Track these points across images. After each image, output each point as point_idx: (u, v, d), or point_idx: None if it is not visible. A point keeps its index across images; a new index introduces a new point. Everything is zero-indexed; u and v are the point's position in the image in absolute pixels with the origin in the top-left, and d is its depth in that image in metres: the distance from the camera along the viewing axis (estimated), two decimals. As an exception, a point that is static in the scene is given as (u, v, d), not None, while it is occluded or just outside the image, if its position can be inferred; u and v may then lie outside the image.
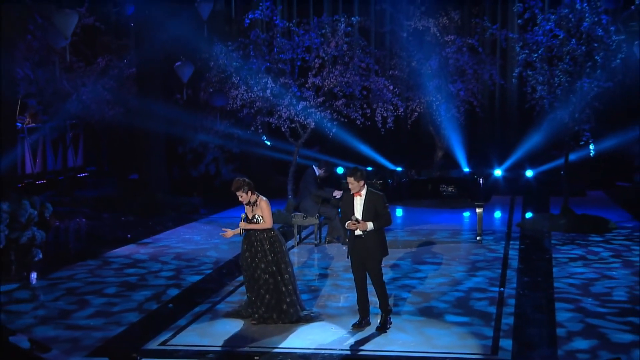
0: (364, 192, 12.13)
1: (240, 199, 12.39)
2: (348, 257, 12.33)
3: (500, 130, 27.96)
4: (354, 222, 12.00)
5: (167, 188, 24.84)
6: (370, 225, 11.91)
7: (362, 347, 11.48)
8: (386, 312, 12.13)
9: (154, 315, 13.27)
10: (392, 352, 11.26)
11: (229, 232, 12.72)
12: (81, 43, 24.41)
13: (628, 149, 24.76)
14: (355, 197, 12.16)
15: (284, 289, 12.44)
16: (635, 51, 20.73)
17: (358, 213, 12.06)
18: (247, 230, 12.49)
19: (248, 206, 12.50)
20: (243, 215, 12.55)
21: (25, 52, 23.55)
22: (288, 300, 12.48)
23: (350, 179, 12.11)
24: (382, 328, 12.01)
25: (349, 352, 11.29)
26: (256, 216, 12.41)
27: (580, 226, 20.39)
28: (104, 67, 25.96)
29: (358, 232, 12.06)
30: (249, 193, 12.38)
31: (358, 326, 12.11)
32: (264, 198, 12.53)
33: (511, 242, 19.17)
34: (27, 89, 24.85)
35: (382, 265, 12.52)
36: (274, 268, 12.44)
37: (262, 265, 12.41)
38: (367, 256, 12.06)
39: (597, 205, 23.99)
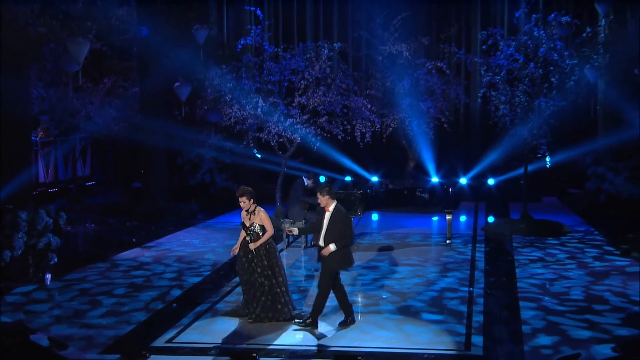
0: (331, 207, 12.06)
1: (242, 204, 12.29)
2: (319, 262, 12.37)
3: (466, 144, 27.98)
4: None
5: (168, 195, 24.69)
6: (332, 247, 11.82)
7: (348, 344, 11.41)
8: (311, 323, 12.03)
9: (159, 315, 13.16)
10: (376, 348, 11.22)
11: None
12: (89, 65, 24.24)
13: (580, 160, 24.83)
14: (325, 211, 12.18)
15: (278, 290, 12.37)
16: (586, 74, 20.83)
17: (323, 228, 12.05)
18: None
19: (246, 214, 12.42)
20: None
21: (39, 73, 23.44)
22: (282, 300, 12.41)
23: (317, 194, 12.14)
24: (301, 324, 12.04)
25: (336, 349, 11.24)
26: (254, 224, 12.33)
27: (538, 230, 20.41)
28: (110, 86, 25.84)
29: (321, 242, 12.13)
30: (251, 201, 12.31)
31: (344, 324, 12.07)
32: (262, 209, 12.50)
33: (477, 245, 19.16)
34: (40, 107, 24.70)
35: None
36: (270, 272, 12.38)
37: (259, 270, 12.34)
38: (324, 264, 11.99)
39: (551, 210, 24.04)
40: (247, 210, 12.40)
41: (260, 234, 12.41)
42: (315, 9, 28.36)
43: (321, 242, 12.06)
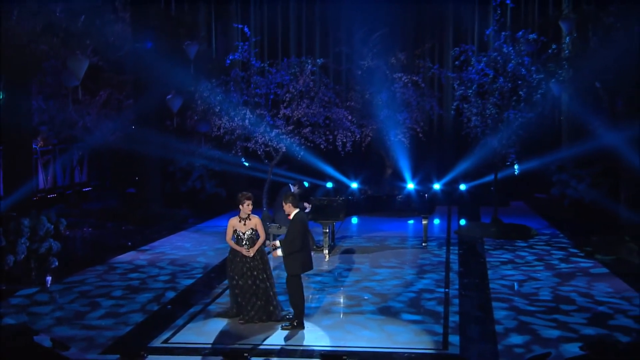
0: (292, 214, 12.09)
1: (248, 208, 12.22)
2: None
3: (440, 152, 27.95)
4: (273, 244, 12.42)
5: (161, 201, 24.56)
6: (278, 252, 12.06)
7: (334, 344, 11.38)
8: (298, 324, 12.02)
9: (155, 316, 13.06)
10: (360, 348, 11.19)
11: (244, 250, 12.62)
12: (87, 79, 24.06)
13: (545, 168, 24.89)
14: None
15: (271, 292, 12.34)
16: (551, 87, 20.89)
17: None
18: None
19: (241, 221, 12.33)
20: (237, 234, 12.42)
21: (39, 86, 23.30)
22: (274, 303, 12.38)
23: (283, 202, 12.32)
24: (288, 327, 12.02)
25: (322, 349, 11.21)
26: (251, 230, 12.30)
27: (508, 233, 20.44)
28: (106, 99, 25.72)
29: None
30: (251, 206, 12.32)
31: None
32: (256, 215, 12.47)
33: (451, 247, 19.18)
34: (40, 118, 24.54)
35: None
36: (265, 275, 12.35)
37: (255, 273, 12.29)
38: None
39: (519, 214, 24.09)
40: (241, 217, 12.34)
41: (255, 239, 12.39)
42: (298, 26, 28.33)
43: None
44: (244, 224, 12.28)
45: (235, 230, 12.32)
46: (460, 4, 26.76)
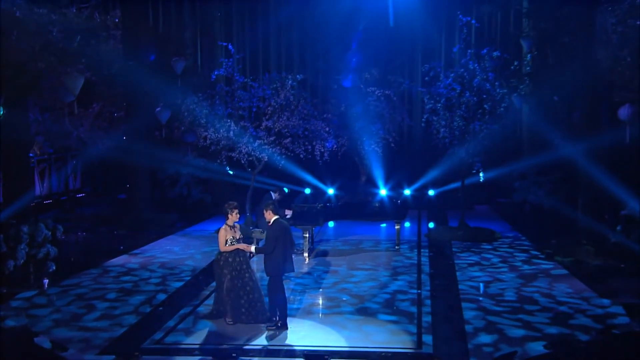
0: (272, 220, 12.21)
1: (236, 215, 12.39)
2: None
3: (410, 160, 27.98)
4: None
5: (150, 206, 24.40)
6: (252, 248, 12.45)
7: (316, 344, 11.37)
8: (282, 325, 12.03)
9: (147, 318, 12.97)
10: (341, 347, 11.19)
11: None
12: (80, 92, 23.87)
13: (508, 175, 24.97)
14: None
15: (256, 294, 12.32)
16: (514, 101, 21.02)
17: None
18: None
19: (230, 228, 12.31)
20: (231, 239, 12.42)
21: (36, 98, 23.10)
22: (259, 304, 12.35)
23: (263, 210, 12.49)
24: (273, 327, 12.03)
25: (305, 348, 11.18)
26: (240, 235, 12.35)
27: (474, 236, 20.49)
28: (99, 110, 25.57)
29: None
30: (238, 215, 12.36)
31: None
32: (239, 223, 12.52)
33: (422, 250, 19.22)
34: (37, 129, 24.34)
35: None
36: (256, 276, 12.43)
37: (247, 274, 12.31)
38: None
39: (484, 218, 24.15)
40: (230, 225, 12.32)
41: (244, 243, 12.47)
42: (279, 44, 28.34)
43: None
44: (234, 231, 12.31)
45: (228, 238, 12.31)
46: (429, 24, 26.86)
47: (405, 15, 24.93)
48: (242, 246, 12.34)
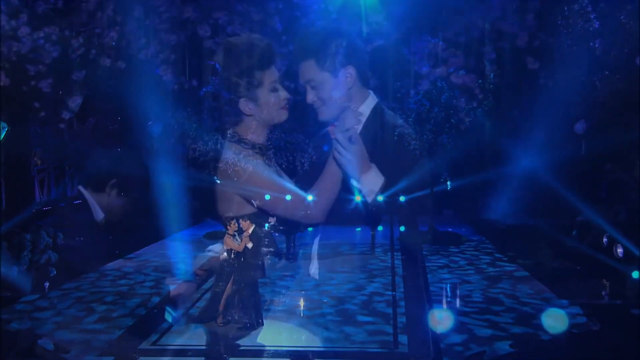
0: (250, 230, 12.09)
1: (234, 226, 12.15)
2: None
3: (383, 170, 27.98)
4: None
5: (143, 212, 24.26)
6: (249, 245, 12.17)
7: (301, 345, 11.35)
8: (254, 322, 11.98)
9: (143, 320, 12.85)
10: (324, 347, 11.12)
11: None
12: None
13: (472, 182, 25.07)
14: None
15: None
16: (478, 116, 21.16)
17: None
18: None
19: (232, 237, 12.24)
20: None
21: (37, 114, 22.89)
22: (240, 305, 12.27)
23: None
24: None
25: (291, 349, 11.13)
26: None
27: (442, 240, 20.60)
28: (94, 123, 25.38)
29: None
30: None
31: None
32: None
33: (395, 253, 19.25)
34: (36, 141, 24.17)
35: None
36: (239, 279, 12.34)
37: (237, 278, 12.22)
38: None
39: (450, 221, 24.23)
40: (230, 234, 12.26)
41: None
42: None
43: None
44: (237, 238, 12.26)
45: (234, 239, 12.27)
46: (399, 44, 26.95)
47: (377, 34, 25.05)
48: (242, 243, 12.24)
